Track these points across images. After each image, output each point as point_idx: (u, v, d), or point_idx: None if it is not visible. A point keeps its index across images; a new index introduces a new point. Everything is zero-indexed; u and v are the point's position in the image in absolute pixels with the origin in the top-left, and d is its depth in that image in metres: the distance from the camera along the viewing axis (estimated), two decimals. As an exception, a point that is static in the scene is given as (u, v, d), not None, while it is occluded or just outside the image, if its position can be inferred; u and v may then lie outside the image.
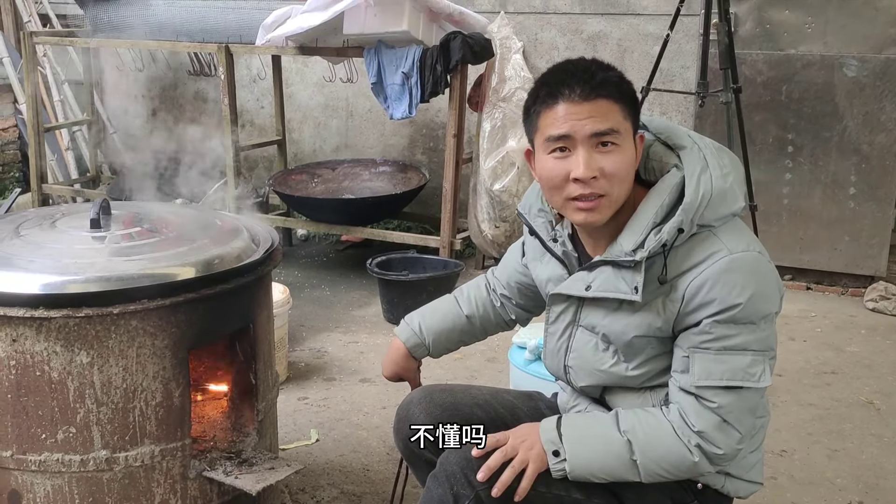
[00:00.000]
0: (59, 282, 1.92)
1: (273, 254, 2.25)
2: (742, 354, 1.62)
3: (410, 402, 2.00)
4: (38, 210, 2.81)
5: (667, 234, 1.63)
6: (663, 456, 1.65)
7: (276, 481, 2.10)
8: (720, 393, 1.62)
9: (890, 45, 4.35)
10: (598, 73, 1.66)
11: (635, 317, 1.70)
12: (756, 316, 1.62)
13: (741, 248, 1.63)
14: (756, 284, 1.61)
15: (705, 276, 1.61)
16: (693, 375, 1.64)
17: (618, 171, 1.64)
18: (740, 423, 1.64)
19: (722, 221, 1.67)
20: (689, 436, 1.64)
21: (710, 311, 1.61)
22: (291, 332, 3.81)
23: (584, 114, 1.63)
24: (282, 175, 5.29)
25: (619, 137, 1.64)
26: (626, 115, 1.66)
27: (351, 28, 4.41)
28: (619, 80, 1.68)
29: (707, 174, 1.66)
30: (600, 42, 4.99)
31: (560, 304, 1.83)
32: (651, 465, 1.65)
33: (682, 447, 1.64)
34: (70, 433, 1.96)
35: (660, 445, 1.65)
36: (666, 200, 1.66)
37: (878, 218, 4.53)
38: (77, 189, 5.81)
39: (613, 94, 1.65)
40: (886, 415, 3.30)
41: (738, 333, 1.61)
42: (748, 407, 1.65)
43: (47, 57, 6.10)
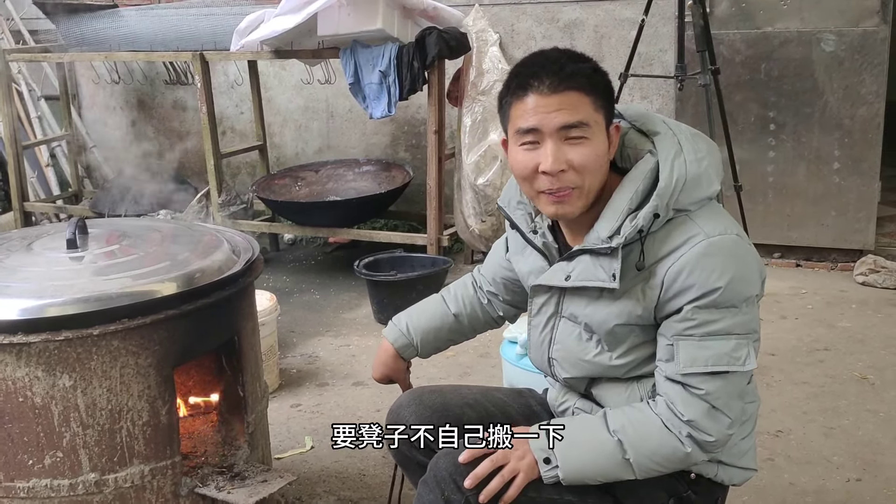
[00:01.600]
0: (37, 305, 1.89)
1: (254, 264, 2.22)
2: (726, 339, 1.61)
3: (400, 405, 1.99)
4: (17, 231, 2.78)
5: (642, 220, 1.62)
6: (655, 450, 1.64)
7: (269, 493, 2.08)
8: (706, 379, 1.61)
9: (866, 18, 4.35)
10: (567, 64, 1.64)
11: (616, 305, 1.69)
12: (737, 299, 1.60)
13: (718, 232, 1.62)
14: (735, 268, 1.60)
15: (683, 261, 1.60)
16: (678, 363, 1.63)
17: (587, 163, 1.63)
18: (729, 408, 1.63)
19: (698, 205, 1.66)
20: (679, 427, 1.62)
21: (690, 296, 1.60)
22: (282, 339, 3.79)
23: (552, 106, 1.62)
24: (265, 180, 5.27)
25: (588, 130, 1.63)
26: (598, 106, 1.64)
27: (325, 29, 4.38)
28: (591, 72, 1.66)
29: (681, 159, 1.65)
30: (577, 29, 4.97)
31: (542, 295, 1.82)
32: (644, 462, 1.64)
33: (673, 440, 1.63)
34: (57, 458, 1.93)
35: (651, 441, 1.64)
36: (640, 186, 1.65)
37: (864, 191, 4.53)
38: (59, 205, 5.78)
39: (584, 86, 1.63)
40: (881, 389, 3.30)
41: (721, 318, 1.60)
42: (736, 391, 1.64)
43: (22, 74, 6.05)
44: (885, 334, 3.81)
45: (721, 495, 1.84)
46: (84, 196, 6.03)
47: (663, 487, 1.75)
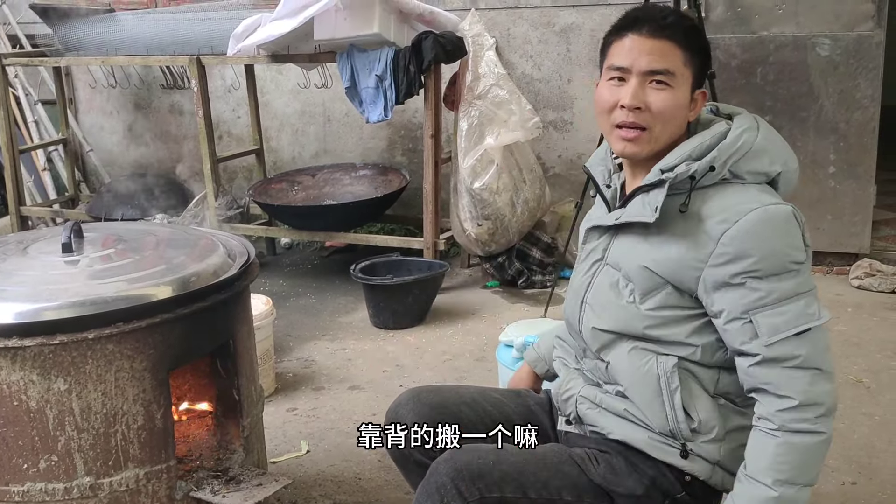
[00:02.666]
0: (32, 309, 1.90)
1: (249, 268, 2.23)
2: (796, 300, 1.63)
3: (398, 404, 2.00)
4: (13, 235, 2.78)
5: (697, 166, 1.68)
6: (808, 459, 1.63)
7: (263, 498, 2.08)
8: (795, 343, 1.62)
9: (861, 22, 4.36)
10: (670, 17, 1.75)
11: (654, 247, 1.72)
12: (793, 263, 1.64)
13: (773, 202, 1.67)
14: (789, 235, 1.64)
15: (741, 225, 1.63)
16: (762, 335, 1.63)
17: (664, 109, 1.72)
18: (826, 363, 1.64)
19: (755, 178, 1.71)
20: (803, 414, 1.61)
21: (748, 263, 1.62)
22: (278, 343, 3.79)
23: (646, 49, 1.73)
24: (262, 184, 5.27)
25: (673, 79, 1.72)
26: (688, 62, 1.74)
27: (322, 33, 4.39)
28: (690, 29, 1.76)
29: (754, 133, 1.73)
30: (573, 34, 4.98)
31: (593, 240, 1.88)
32: (809, 474, 1.63)
33: (810, 437, 1.61)
34: (52, 462, 1.93)
35: (801, 460, 1.62)
36: (707, 141, 1.72)
37: (860, 195, 4.54)
38: (56, 210, 5.77)
39: (679, 39, 1.73)
40: (876, 393, 3.31)
41: (786, 283, 1.63)
42: (823, 346, 1.65)
43: (19, 78, 6.05)
44: (880, 338, 3.81)
45: (716, 500, 1.84)
46: (80, 200, 6.02)
47: (659, 489, 1.75)
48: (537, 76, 5.09)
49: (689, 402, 1.72)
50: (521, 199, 4.56)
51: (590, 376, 1.88)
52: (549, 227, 4.81)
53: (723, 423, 1.74)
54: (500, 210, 4.49)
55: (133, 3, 5.94)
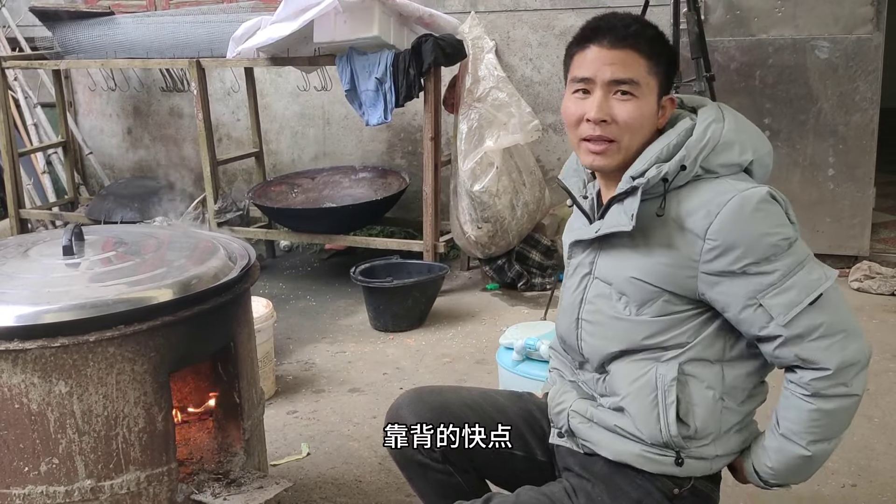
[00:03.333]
0: (34, 312, 1.90)
1: (250, 271, 2.23)
2: (798, 270, 1.63)
3: (400, 405, 2.00)
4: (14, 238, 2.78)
5: (668, 168, 1.67)
6: (846, 420, 1.69)
7: (265, 500, 2.08)
8: (812, 313, 1.62)
9: (860, 25, 4.37)
10: (633, 25, 1.73)
11: (639, 256, 1.71)
12: (785, 240, 1.63)
13: (749, 186, 1.66)
14: (771, 214, 1.64)
15: (723, 216, 1.63)
16: (779, 315, 1.63)
17: (630, 120, 1.70)
18: (849, 322, 1.65)
19: (728, 170, 1.70)
20: (838, 380, 1.63)
21: (738, 254, 1.62)
22: (278, 346, 3.79)
23: (608, 60, 1.70)
24: (261, 187, 5.27)
25: (637, 89, 1.70)
26: (653, 71, 1.71)
27: (321, 36, 4.39)
28: (654, 37, 1.74)
29: (719, 125, 1.71)
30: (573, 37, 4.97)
31: (578, 254, 1.86)
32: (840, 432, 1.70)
33: (846, 401, 1.65)
34: (53, 464, 1.93)
35: (834, 420, 1.67)
36: (674, 141, 1.70)
37: (858, 198, 4.54)
38: (55, 212, 5.77)
39: (642, 48, 1.71)
40: (875, 395, 3.31)
41: (784, 259, 1.63)
42: (840, 305, 1.65)
43: (18, 81, 6.05)
44: (879, 340, 3.82)
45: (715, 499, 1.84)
46: (80, 203, 6.02)
47: (657, 486, 1.75)
48: (537, 79, 5.09)
49: (687, 411, 1.72)
50: (520, 201, 4.56)
51: (584, 389, 1.87)
52: (548, 229, 4.82)
53: (719, 426, 1.74)
54: (499, 213, 4.49)
55: (132, 6, 5.94)
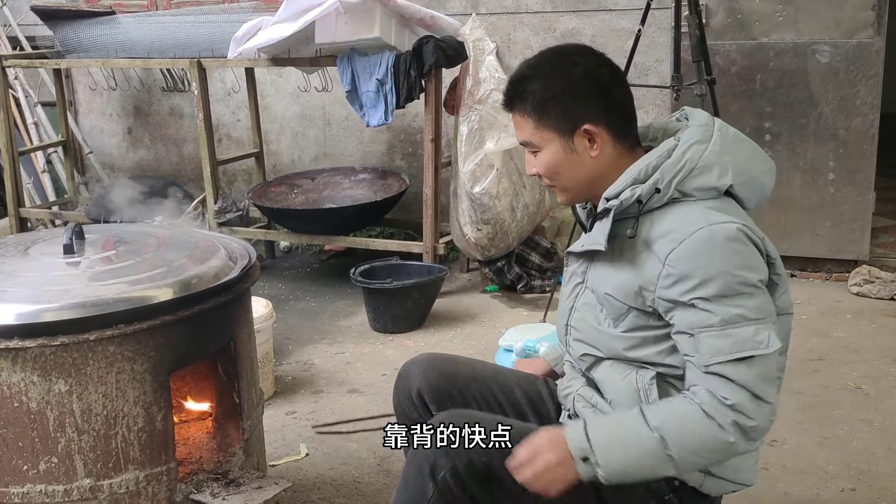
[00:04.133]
0: (34, 310, 1.90)
1: (250, 271, 2.23)
2: (745, 325, 1.60)
3: (413, 363, 2.07)
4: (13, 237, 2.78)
5: (642, 190, 1.67)
6: (698, 443, 1.61)
7: (263, 501, 2.08)
8: (736, 367, 1.60)
9: (861, 30, 4.37)
10: (510, 88, 1.80)
11: (613, 273, 1.74)
12: (743, 286, 1.61)
13: (720, 220, 1.64)
14: (736, 254, 1.62)
15: (686, 246, 1.62)
16: (703, 355, 1.62)
17: (547, 170, 1.79)
18: (766, 393, 1.61)
19: (705, 194, 1.69)
20: (723, 414, 1.59)
21: (692, 285, 1.61)
22: (277, 346, 3.78)
23: (513, 123, 1.83)
24: (261, 187, 5.27)
25: (536, 147, 1.79)
26: (540, 125, 1.77)
27: (323, 37, 4.39)
28: (532, 92, 1.76)
29: (702, 146, 1.70)
30: (573, 39, 4.97)
31: (572, 263, 1.90)
32: (687, 456, 1.62)
33: (715, 429, 1.60)
34: (52, 463, 1.93)
35: (693, 434, 1.61)
36: (653, 162, 1.70)
37: (859, 202, 4.54)
38: (55, 212, 5.76)
39: (523, 109, 1.78)
40: (875, 399, 3.31)
41: (733, 306, 1.60)
42: (767, 376, 1.62)
43: (19, 80, 6.05)
44: (879, 344, 3.82)
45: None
46: (80, 202, 6.02)
47: (646, 487, 1.75)
48: (537, 81, 5.08)
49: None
50: (520, 203, 4.56)
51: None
52: (548, 231, 4.82)
53: None
54: (499, 214, 4.49)
55: (134, 6, 5.94)
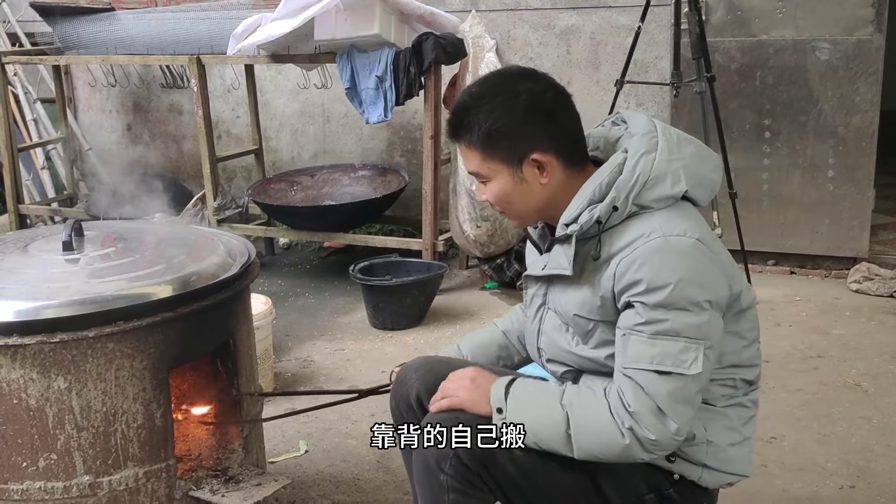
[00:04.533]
0: (33, 307, 1.90)
1: (250, 268, 2.23)
2: (675, 340, 1.61)
3: (410, 367, 2.06)
4: (13, 234, 2.78)
5: (600, 211, 1.67)
6: (596, 435, 1.66)
7: (263, 497, 2.08)
8: (652, 378, 1.62)
9: (861, 27, 4.37)
10: (454, 119, 1.77)
11: (577, 293, 1.74)
12: (686, 301, 1.61)
13: (677, 232, 1.64)
14: (687, 269, 1.61)
15: (636, 254, 1.63)
16: (625, 357, 1.65)
17: (497, 199, 1.79)
18: (675, 412, 1.62)
19: (662, 203, 1.69)
20: (623, 417, 1.63)
21: (639, 290, 1.62)
22: (277, 343, 3.78)
23: (460, 152, 1.82)
24: (261, 184, 5.26)
25: (485, 177, 1.78)
26: (487, 156, 1.75)
27: (322, 34, 4.39)
28: (477, 124, 1.73)
29: (650, 156, 1.70)
30: (573, 36, 4.98)
31: (531, 286, 1.90)
32: (584, 442, 1.66)
33: (614, 428, 1.64)
34: (51, 460, 1.93)
35: (594, 423, 1.66)
36: (606, 179, 1.70)
37: (858, 199, 4.54)
38: (54, 208, 5.76)
39: (469, 141, 1.76)
40: (874, 397, 3.31)
41: (670, 318, 1.61)
42: (682, 396, 1.63)
43: (18, 76, 6.04)
44: (878, 341, 3.82)
45: (706, 499, 1.84)
46: (79, 199, 6.01)
47: (645, 481, 1.76)
48: (537, 78, 5.08)
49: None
50: (520, 200, 4.55)
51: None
52: (547, 228, 4.81)
53: (703, 430, 1.75)
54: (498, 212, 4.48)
55: (133, 2, 5.93)
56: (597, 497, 1.78)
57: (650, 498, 1.77)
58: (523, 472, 1.75)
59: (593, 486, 1.77)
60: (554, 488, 1.77)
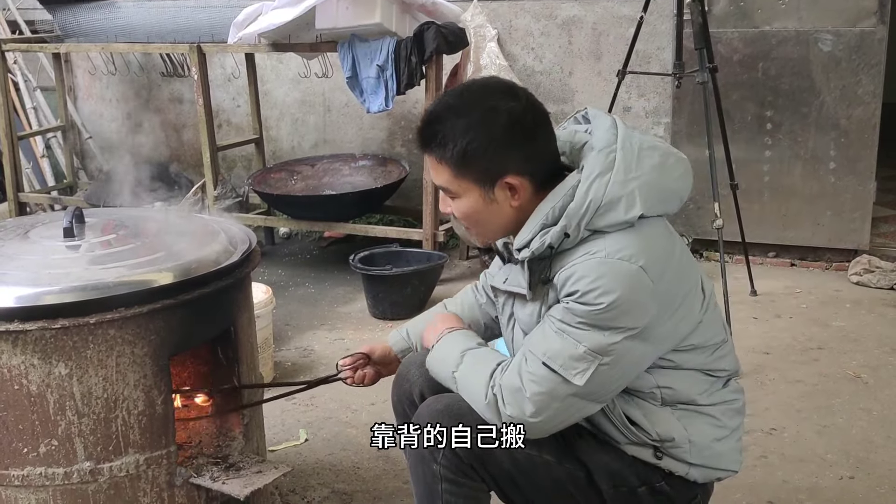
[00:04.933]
0: (34, 293, 1.89)
1: (251, 256, 2.22)
2: (575, 347, 1.62)
3: (412, 362, 2.05)
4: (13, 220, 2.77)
5: (551, 238, 1.64)
6: (471, 384, 1.74)
7: (263, 485, 2.08)
8: (535, 364, 1.65)
9: (864, 18, 4.36)
10: (425, 129, 1.71)
11: (534, 308, 1.75)
12: (608, 322, 1.60)
13: (621, 256, 1.61)
14: (619, 294, 1.59)
15: (576, 268, 1.62)
16: (531, 338, 1.69)
17: (464, 216, 1.75)
18: (536, 403, 1.64)
19: (616, 228, 1.64)
20: (495, 380, 1.70)
21: (573, 298, 1.62)
22: (277, 332, 3.78)
23: (429, 165, 1.75)
24: (261, 174, 5.25)
25: (452, 192, 1.72)
26: (460, 175, 1.69)
27: (323, 23, 4.37)
28: (450, 139, 1.67)
29: (605, 178, 1.64)
30: (575, 26, 4.97)
31: (500, 296, 1.91)
32: (461, 385, 1.77)
33: (485, 385, 1.71)
34: (52, 446, 1.93)
35: (475, 376, 1.74)
36: (558, 203, 1.65)
37: (859, 192, 4.54)
38: (54, 196, 5.75)
39: (441, 156, 1.70)
40: (874, 388, 3.31)
41: (583, 326, 1.62)
42: (553, 394, 1.64)
43: (18, 64, 6.03)
44: (878, 334, 3.82)
45: (700, 492, 1.84)
46: (79, 187, 6.01)
47: (637, 474, 1.77)
48: (539, 68, 5.07)
49: (645, 420, 1.74)
50: (521, 191, 4.55)
51: None
52: (548, 219, 4.80)
53: (683, 430, 1.75)
54: (499, 202, 4.48)
55: (133, -10, 5.91)
56: (590, 489, 1.78)
57: (643, 491, 1.78)
58: (517, 464, 1.75)
59: (587, 479, 1.78)
60: (547, 480, 1.77)
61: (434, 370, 1.85)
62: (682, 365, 1.74)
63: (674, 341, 1.70)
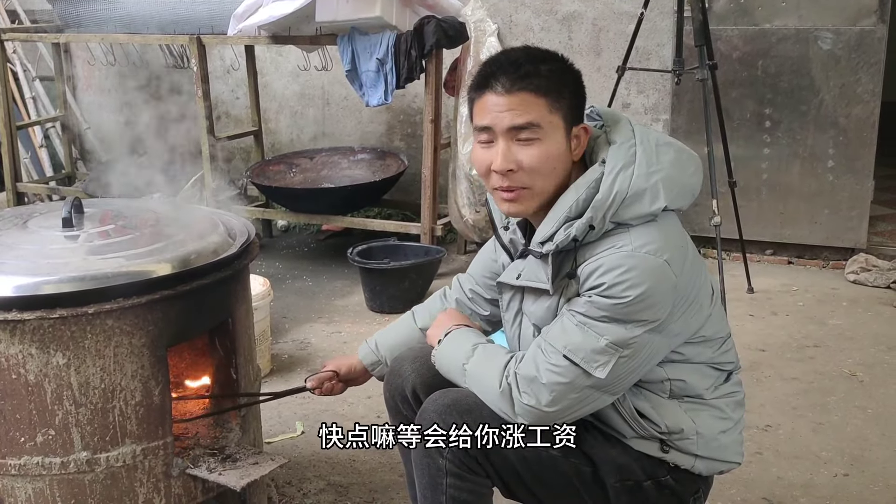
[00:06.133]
0: (32, 283, 1.89)
1: (250, 247, 2.22)
2: (597, 340, 1.63)
3: (405, 358, 2.04)
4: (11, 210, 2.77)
5: (576, 230, 1.64)
6: (483, 374, 1.74)
7: (260, 476, 2.08)
8: (556, 356, 1.65)
9: (864, 17, 4.36)
10: (525, 65, 1.67)
11: (552, 303, 1.74)
12: (631, 315, 1.62)
13: (647, 250, 1.62)
14: (646, 288, 1.60)
15: (601, 260, 1.63)
16: (550, 331, 1.68)
17: (536, 165, 1.67)
18: (554, 393, 1.65)
19: (640, 220, 1.66)
20: (510, 370, 1.70)
21: (597, 291, 1.62)
22: (274, 325, 3.79)
23: (504, 106, 1.66)
24: (259, 166, 5.25)
25: (540, 132, 1.66)
26: (554, 108, 1.66)
27: (323, 15, 4.37)
28: (550, 74, 1.67)
29: (629, 171, 1.65)
30: (575, 22, 4.96)
31: (507, 292, 1.89)
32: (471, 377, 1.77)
33: (499, 375, 1.71)
34: (49, 436, 1.93)
35: (487, 366, 1.75)
36: (583, 195, 1.66)
37: (857, 190, 4.55)
38: (52, 187, 5.75)
39: (539, 88, 1.66)
40: (870, 386, 3.32)
41: (605, 320, 1.62)
42: (572, 386, 1.65)
43: (17, 54, 6.02)
44: (874, 332, 3.83)
45: (702, 486, 1.86)
46: (77, 177, 6.00)
47: (642, 468, 1.78)
48: (538, 64, 5.06)
49: (654, 412, 1.75)
50: (519, 186, 4.55)
51: None
52: (546, 215, 4.81)
53: (692, 422, 1.76)
54: (498, 197, 4.48)
55: (133, -19, 5.89)
56: (595, 484, 1.79)
57: (648, 485, 1.78)
58: (522, 459, 1.75)
59: (592, 474, 1.78)
60: (553, 475, 1.78)
61: (441, 363, 1.85)
62: (691, 358, 1.76)
63: (687, 334, 1.73)
